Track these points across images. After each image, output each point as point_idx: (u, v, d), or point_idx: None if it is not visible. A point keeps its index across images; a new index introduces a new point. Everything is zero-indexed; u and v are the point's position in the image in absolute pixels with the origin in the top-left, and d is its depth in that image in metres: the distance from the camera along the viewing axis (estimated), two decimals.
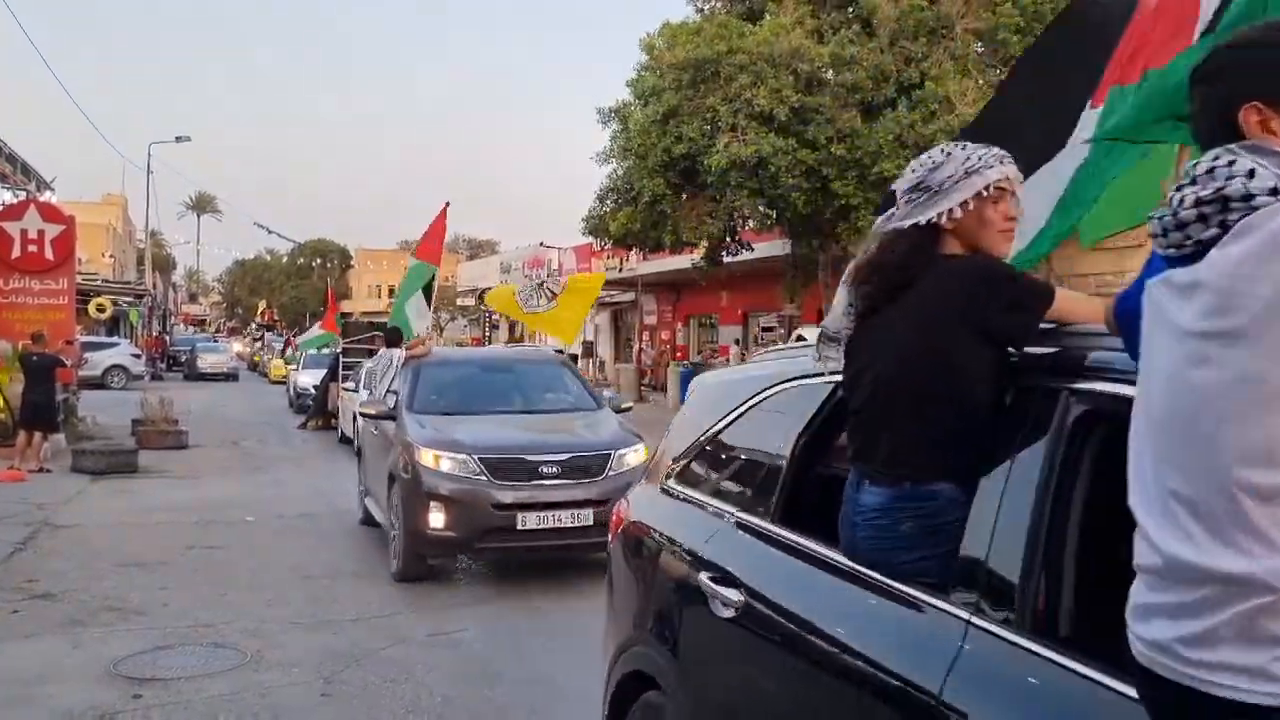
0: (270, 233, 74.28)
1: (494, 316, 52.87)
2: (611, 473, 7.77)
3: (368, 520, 9.75)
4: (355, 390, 16.53)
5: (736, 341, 31.03)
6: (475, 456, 7.71)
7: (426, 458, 7.76)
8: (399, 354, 9.62)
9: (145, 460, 14.42)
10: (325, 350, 25.25)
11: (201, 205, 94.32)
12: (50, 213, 17.25)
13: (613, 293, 39.39)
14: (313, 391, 22.51)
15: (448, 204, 13.00)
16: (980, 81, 17.96)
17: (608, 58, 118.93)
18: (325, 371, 21.76)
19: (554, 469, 7.71)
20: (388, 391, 9.49)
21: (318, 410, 21.14)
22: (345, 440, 17.17)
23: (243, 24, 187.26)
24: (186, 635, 6.45)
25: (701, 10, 21.97)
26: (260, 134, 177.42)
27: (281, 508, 11.41)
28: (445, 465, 7.72)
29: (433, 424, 8.28)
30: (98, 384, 29.01)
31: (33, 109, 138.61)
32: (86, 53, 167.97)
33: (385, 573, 8.24)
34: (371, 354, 20.61)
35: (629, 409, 9.86)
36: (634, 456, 8.00)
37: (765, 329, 29.22)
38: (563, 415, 9.07)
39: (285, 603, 7.27)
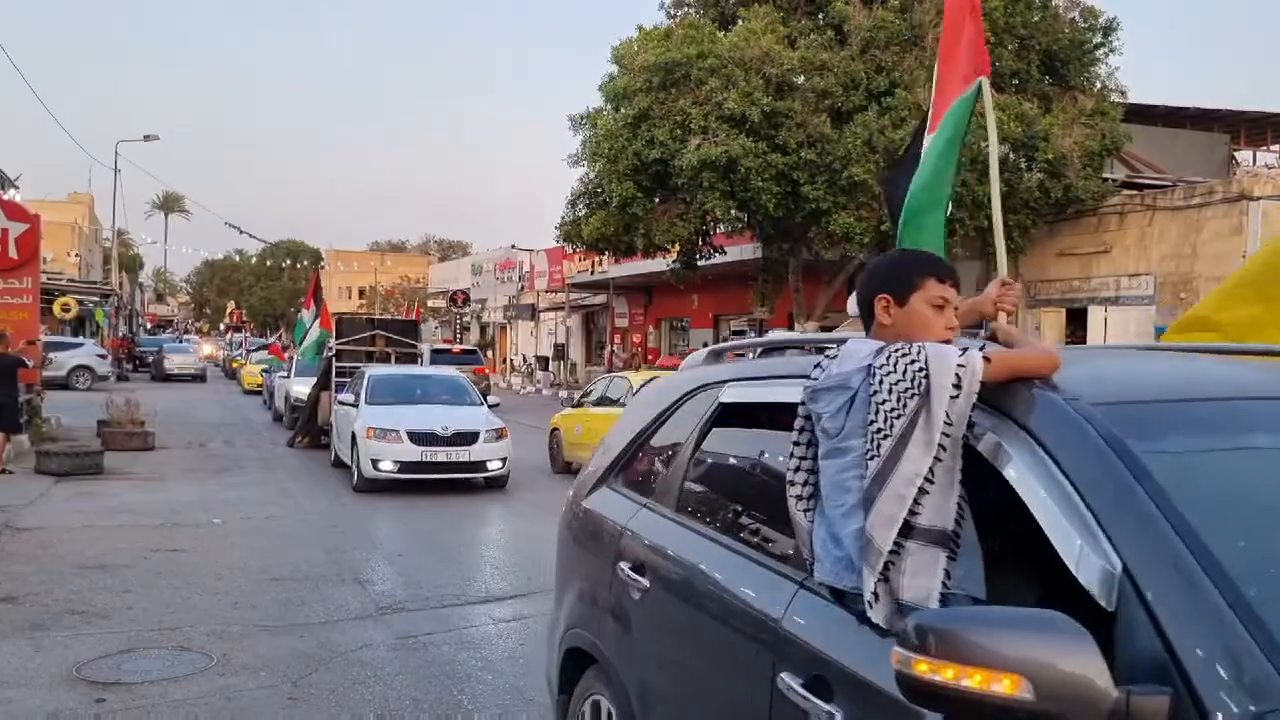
0: (242, 233, 73.33)
1: (465, 318, 52.48)
2: None
3: None
4: (355, 405, 13.78)
5: (705, 344, 31.12)
6: None
7: None
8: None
9: (110, 462, 14.26)
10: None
11: (169, 204, 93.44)
12: (14, 211, 17.03)
13: (585, 295, 39.45)
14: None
15: None
16: None
17: (582, 59, 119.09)
18: (315, 383, 18.16)
19: None
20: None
21: (305, 425, 18.20)
22: (341, 464, 14.55)
23: (214, 22, 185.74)
24: (151, 639, 6.38)
25: (673, 16, 22.06)
26: (230, 134, 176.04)
27: (248, 510, 11.33)
28: None
29: None
30: (62, 385, 28.68)
31: None
32: (53, 49, 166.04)
33: (353, 575, 8.20)
34: (371, 357, 17.31)
35: None
36: None
37: (736, 332, 29.32)
38: None
39: (252, 606, 7.21)
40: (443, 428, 12.79)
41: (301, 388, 19.60)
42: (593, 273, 35.09)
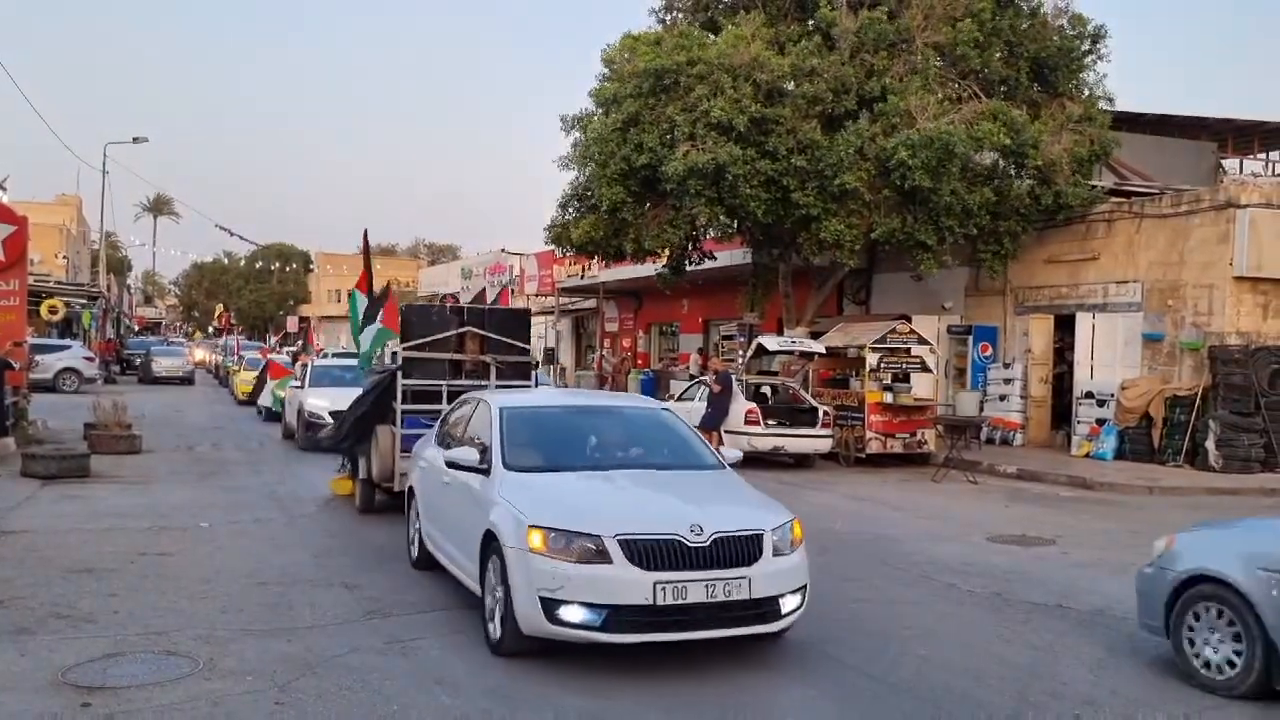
0: (233, 235, 73.28)
1: None
2: None
3: None
4: (483, 469, 6.95)
5: (699, 350, 31.19)
6: None
7: None
8: None
9: (97, 465, 14.20)
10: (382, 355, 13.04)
11: (159, 207, 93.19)
12: (2, 212, 16.99)
13: (575, 299, 39.45)
14: (326, 419, 14.92)
15: None
16: (940, 95, 18.20)
17: (573, 62, 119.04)
18: (361, 399, 11.79)
19: None
20: None
21: (347, 460, 12.49)
22: (429, 564, 8.26)
23: (204, 23, 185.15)
24: (137, 643, 6.36)
25: (663, 21, 22.11)
26: (220, 137, 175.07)
27: (236, 513, 11.30)
28: None
29: None
30: (49, 387, 28.58)
31: None
32: (40, 49, 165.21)
33: (341, 579, 8.18)
34: (458, 369, 11.35)
35: None
36: None
37: (725, 337, 29.37)
38: None
39: (239, 610, 7.19)
40: (693, 528, 5.99)
41: (317, 400, 16.28)
42: (583, 277, 35.10)
